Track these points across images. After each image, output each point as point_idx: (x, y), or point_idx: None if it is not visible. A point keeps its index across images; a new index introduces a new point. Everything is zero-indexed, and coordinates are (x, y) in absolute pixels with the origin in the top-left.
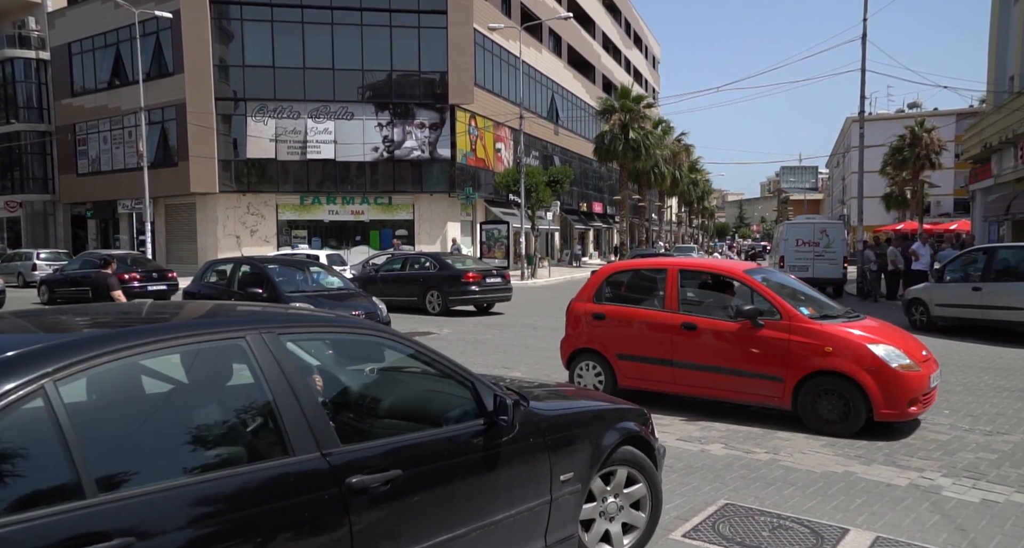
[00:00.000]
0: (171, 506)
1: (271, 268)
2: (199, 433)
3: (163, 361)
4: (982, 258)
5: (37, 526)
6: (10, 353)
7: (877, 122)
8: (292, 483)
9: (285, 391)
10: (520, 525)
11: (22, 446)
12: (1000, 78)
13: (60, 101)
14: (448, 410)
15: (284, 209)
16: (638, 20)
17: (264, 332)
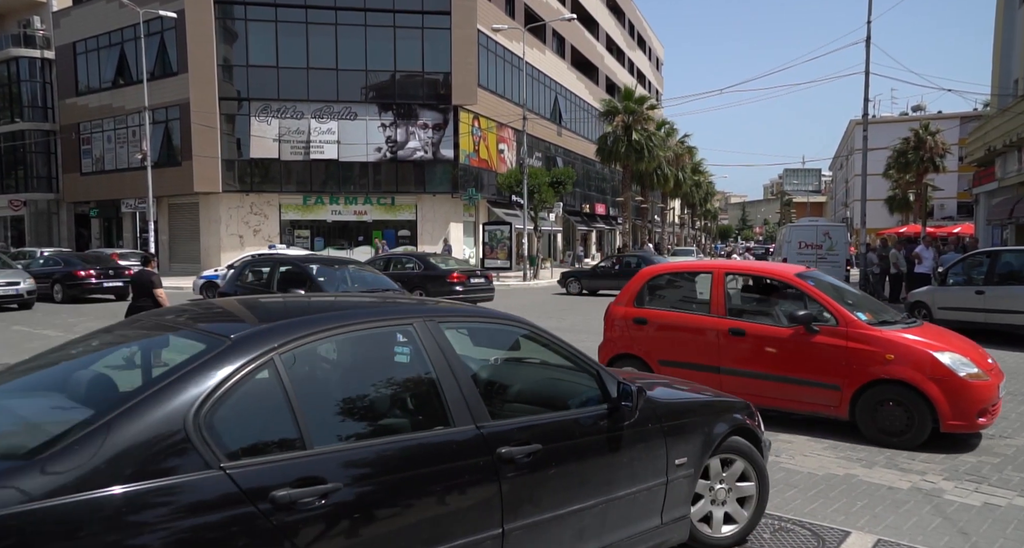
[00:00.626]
0: (366, 460)
1: (313, 267)
2: (383, 402)
3: (355, 340)
4: (985, 261)
5: (275, 467)
6: (248, 331)
7: (881, 125)
8: (454, 449)
9: (446, 370)
10: (640, 502)
11: (259, 403)
12: (1004, 81)
13: (64, 100)
14: (575, 394)
15: (287, 209)
16: (642, 22)
17: (427, 319)
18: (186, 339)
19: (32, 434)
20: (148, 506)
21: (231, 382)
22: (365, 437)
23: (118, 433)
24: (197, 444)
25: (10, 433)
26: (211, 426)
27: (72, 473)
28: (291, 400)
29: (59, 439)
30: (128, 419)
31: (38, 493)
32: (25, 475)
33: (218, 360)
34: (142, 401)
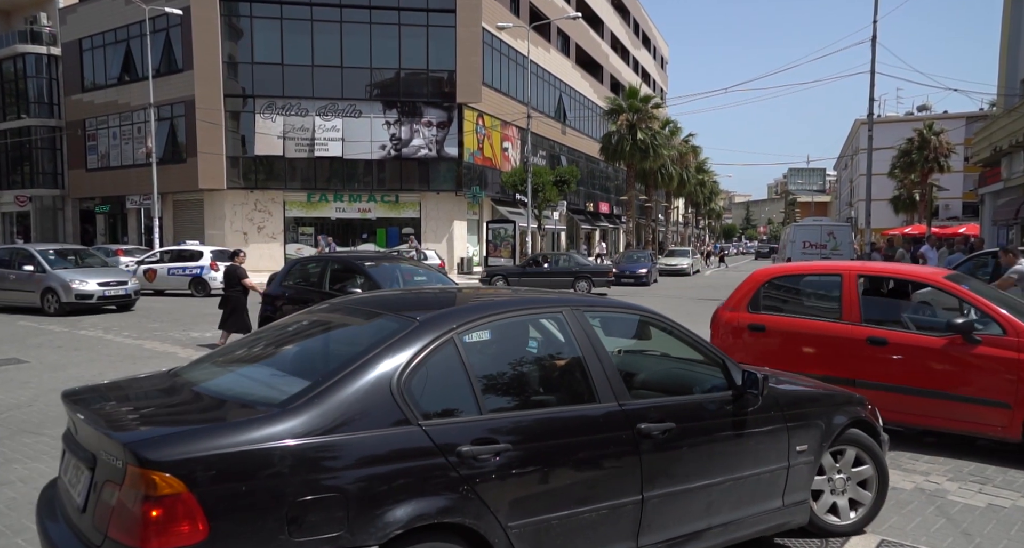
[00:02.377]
0: (528, 426)
1: (371, 266)
2: (539, 378)
3: (516, 324)
4: (991, 262)
5: (460, 427)
6: (432, 314)
7: (886, 125)
8: (600, 422)
9: (591, 353)
10: (763, 483)
11: (444, 373)
12: (1011, 81)
13: (70, 96)
14: (701, 380)
15: (291, 206)
16: (647, 20)
17: (573, 309)
18: (379, 320)
19: (277, 391)
20: (364, 450)
21: (422, 355)
22: (526, 407)
23: (341, 393)
24: (400, 404)
25: (262, 391)
26: (409, 390)
27: (309, 422)
28: (468, 372)
29: (297, 396)
30: (348, 382)
31: (287, 433)
32: (279, 419)
33: (411, 337)
34: (357, 368)
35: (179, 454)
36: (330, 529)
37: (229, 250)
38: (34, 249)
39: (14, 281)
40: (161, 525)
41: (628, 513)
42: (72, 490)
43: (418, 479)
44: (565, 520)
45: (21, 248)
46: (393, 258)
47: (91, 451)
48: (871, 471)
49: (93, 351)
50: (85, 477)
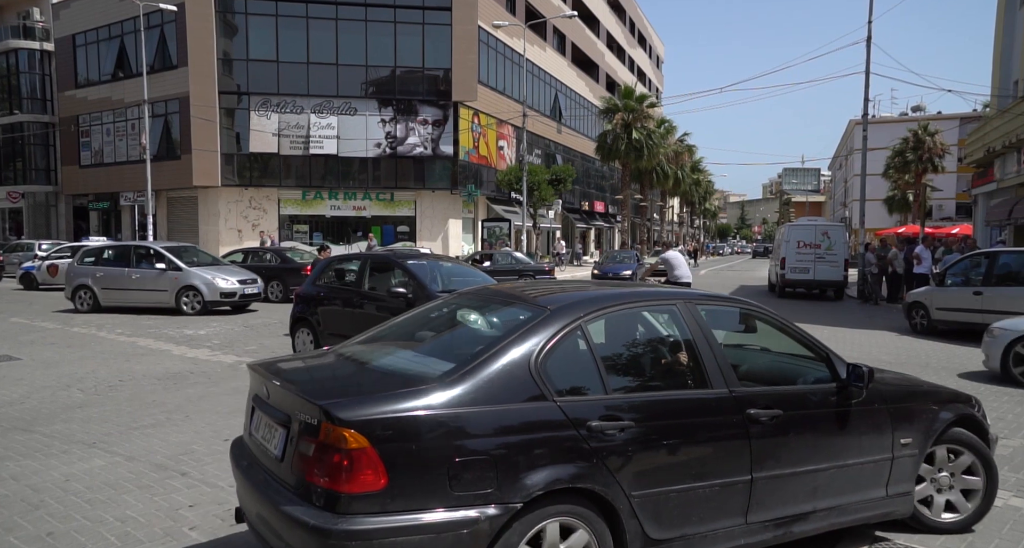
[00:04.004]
0: (648, 406)
1: (414, 265)
2: (656, 363)
3: (635, 315)
4: (984, 262)
5: (589, 404)
6: (562, 304)
7: (880, 125)
8: (712, 406)
9: (703, 342)
10: (867, 472)
11: (574, 356)
12: (1004, 82)
13: (64, 92)
14: (805, 372)
15: (286, 204)
16: (642, 19)
17: (686, 302)
18: (513, 309)
19: (432, 369)
20: (508, 420)
21: (555, 340)
22: (645, 389)
23: (488, 370)
24: (538, 382)
25: (419, 368)
26: (545, 370)
27: (463, 394)
28: (594, 356)
29: (451, 373)
30: (493, 361)
31: (445, 403)
32: (438, 391)
33: (544, 324)
34: (500, 349)
35: (363, 415)
36: (483, 486)
37: (139, 244)
38: (159, 246)
39: (138, 280)
40: (350, 472)
41: (738, 491)
42: (267, 444)
43: (554, 448)
44: (681, 493)
45: (142, 246)
46: (430, 256)
47: (286, 412)
48: (978, 469)
49: (86, 348)
50: (280, 433)
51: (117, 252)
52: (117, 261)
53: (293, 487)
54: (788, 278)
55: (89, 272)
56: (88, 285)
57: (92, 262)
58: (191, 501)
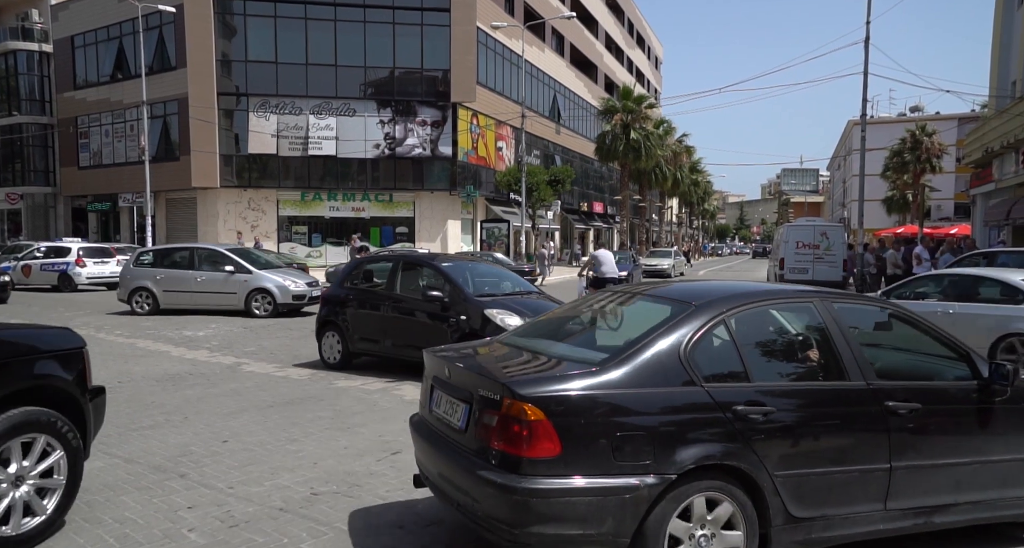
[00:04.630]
0: (789, 394)
1: (449, 267)
2: (796, 356)
3: (774, 310)
4: (983, 263)
5: (734, 390)
6: (707, 300)
7: (879, 125)
8: (851, 397)
9: (840, 337)
10: (1014, 470)
11: (719, 347)
12: (1002, 83)
13: (62, 94)
14: (943, 370)
15: (285, 205)
16: (641, 20)
17: (822, 299)
18: (656, 304)
19: (593, 354)
20: (662, 401)
21: (701, 332)
22: (786, 379)
23: (643, 356)
24: (687, 369)
25: (581, 354)
26: (693, 358)
27: (622, 377)
28: (738, 347)
29: (610, 358)
30: (648, 348)
31: (607, 384)
32: (600, 374)
33: (691, 317)
34: (653, 338)
35: (539, 392)
36: (642, 458)
37: (106, 246)
38: (225, 249)
39: (203, 282)
40: (530, 440)
41: (877, 479)
42: (450, 418)
43: (703, 428)
44: (821, 476)
45: (208, 248)
46: (465, 257)
47: (468, 390)
48: None
49: None
50: (462, 408)
51: (179, 254)
52: (180, 263)
53: (476, 452)
54: (787, 278)
55: (148, 274)
56: (148, 287)
57: (151, 264)
58: (190, 502)
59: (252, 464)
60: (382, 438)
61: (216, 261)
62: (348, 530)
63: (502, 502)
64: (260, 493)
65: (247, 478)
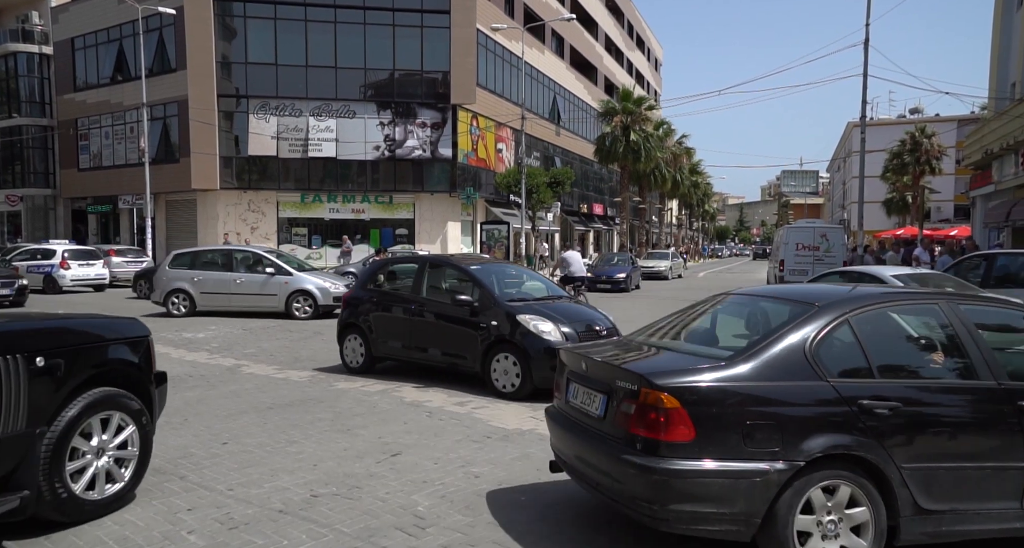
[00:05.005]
0: (916, 390)
1: (478, 270)
2: (922, 354)
3: (898, 311)
4: (982, 264)
5: (859, 385)
6: (829, 301)
7: (878, 127)
8: (981, 395)
9: (968, 338)
10: None
11: (842, 345)
12: (1002, 84)
13: (62, 96)
14: None
15: (285, 207)
16: (641, 22)
17: (948, 301)
18: (776, 305)
19: (721, 350)
20: (789, 394)
21: (825, 330)
22: (912, 376)
23: (770, 352)
24: (812, 364)
25: (709, 350)
26: (818, 355)
27: (750, 371)
28: (862, 345)
29: (739, 353)
30: (775, 345)
31: (736, 377)
32: (729, 368)
33: (814, 317)
34: (779, 336)
35: (674, 383)
36: (771, 446)
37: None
38: (263, 251)
39: (243, 284)
40: (666, 426)
41: (1013, 477)
42: (588, 407)
43: (830, 420)
44: (951, 471)
45: (246, 250)
46: (488, 260)
47: (605, 381)
48: None
49: None
50: (600, 398)
51: (217, 256)
52: (217, 265)
53: (615, 438)
54: (787, 280)
55: (185, 276)
56: (185, 289)
57: (187, 266)
58: (189, 505)
59: (252, 466)
60: (381, 440)
61: (254, 263)
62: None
63: (642, 482)
64: (260, 495)
65: (247, 480)
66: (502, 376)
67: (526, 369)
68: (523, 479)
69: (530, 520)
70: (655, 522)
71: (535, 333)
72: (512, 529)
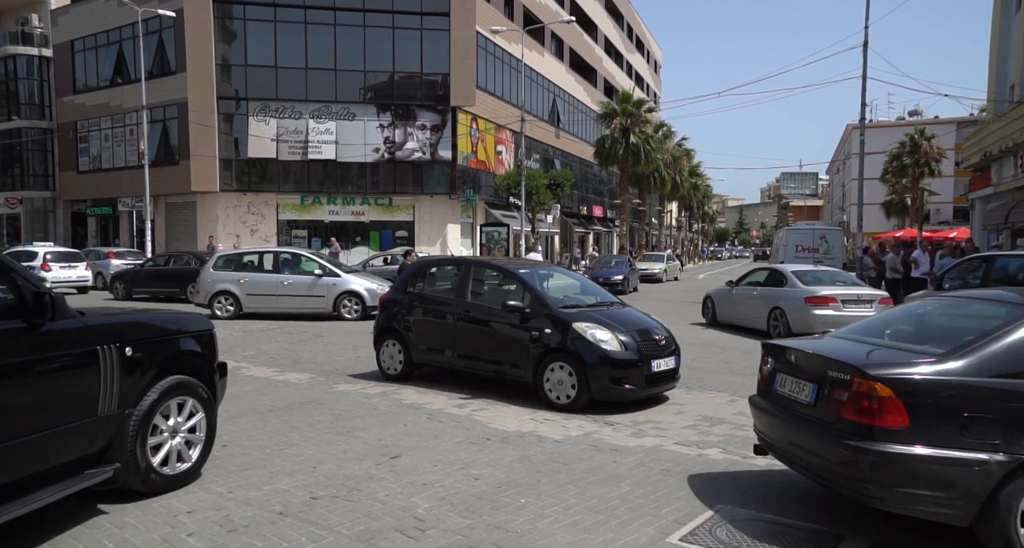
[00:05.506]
0: None
1: (525, 273)
2: None
3: None
4: (981, 266)
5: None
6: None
7: (878, 129)
8: None
9: None
10: None
11: None
12: (1001, 87)
13: (62, 98)
14: None
15: (284, 209)
16: (640, 24)
17: None
18: (989, 306)
19: (932, 347)
20: (1009, 390)
21: None
22: None
23: (987, 350)
24: None
25: (920, 346)
26: None
27: (964, 367)
28: None
29: (951, 352)
30: (989, 345)
31: (950, 372)
32: (942, 363)
33: None
34: (996, 335)
35: (888, 374)
36: (990, 438)
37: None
38: (309, 253)
39: (290, 286)
40: (880, 413)
41: None
42: (797, 395)
43: None
44: None
45: (292, 252)
46: (533, 263)
47: (816, 372)
48: None
49: None
50: (810, 387)
51: (262, 258)
52: (263, 267)
53: (827, 423)
54: None
55: (231, 278)
56: (231, 291)
57: (232, 268)
58: (189, 507)
59: (251, 468)
60: (381, 442)
61: (300, 264)
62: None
63: (858, 463)
64: (259, 497)
65: (246, 482)
66: (556, 387)
67: (583, 380)
68: (523, 481)
69: None
70: (869, 500)
71: (592, 342)
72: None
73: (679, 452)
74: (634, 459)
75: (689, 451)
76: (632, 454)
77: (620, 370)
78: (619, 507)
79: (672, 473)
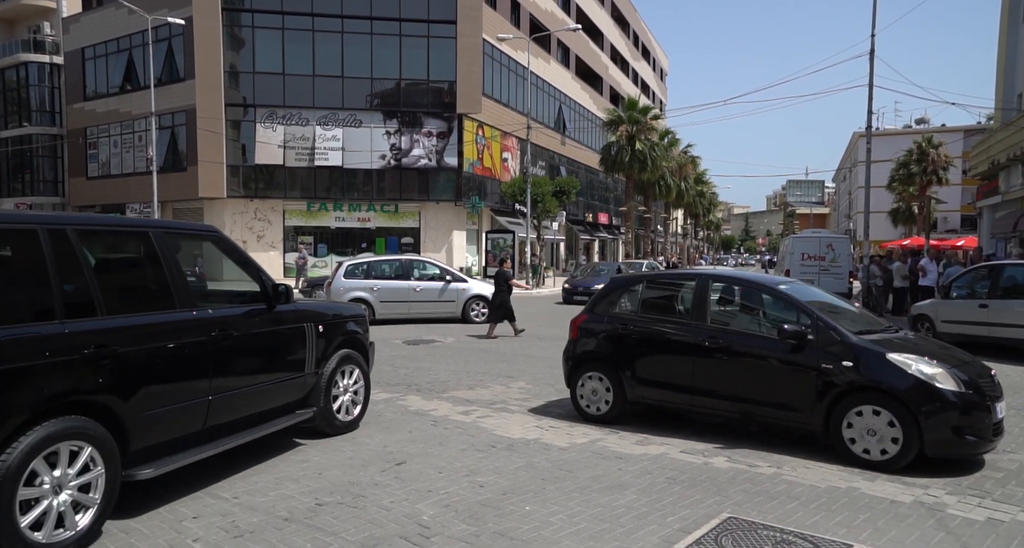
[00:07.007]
0: None
1: (787, 289)
2: None
3: None
4: (989, 275)
5: None
6: None
7: (884, 137)
8: None
9: None
10: None
11: None
12: (1008, 95)
13: (72, 105)
14: None
15: (291, 215)
16: (646, 32)
17: None
18: None
19: None
20: None
21: None
22: None
23: None
24: None
25: None
26: None
27: None
28: None
29: None
30: None
31: None
32: None
33: None
34: None
35: None
36: None
37: None
38: (435, 261)
39: (422, 292)
40: None
41: None
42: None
43: None
44: None
45: (418, 259)
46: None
47: None
48: None
49: None
50: None
51: (391, 265)
52: (394, 274)
53: None
54: None
55: (364, 286)
56: (364, 298)
57: (363, 276)
58: (195, 513)
59: (256, 474)
60: (386, 449)
61: (427, 271)
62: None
63: None
64: (265, 503)
65: (251, 488)
66: (864, 437)
67: (910, 429)
68: (528, 488)
69: None
70: None
71: (925, 380)
72: None
73: (685, 460)
74: (639, 467)
75: (695, 459)
76: (637, 462)
77: (964, 416)
78: (624, 515)
79: (678, 481)
